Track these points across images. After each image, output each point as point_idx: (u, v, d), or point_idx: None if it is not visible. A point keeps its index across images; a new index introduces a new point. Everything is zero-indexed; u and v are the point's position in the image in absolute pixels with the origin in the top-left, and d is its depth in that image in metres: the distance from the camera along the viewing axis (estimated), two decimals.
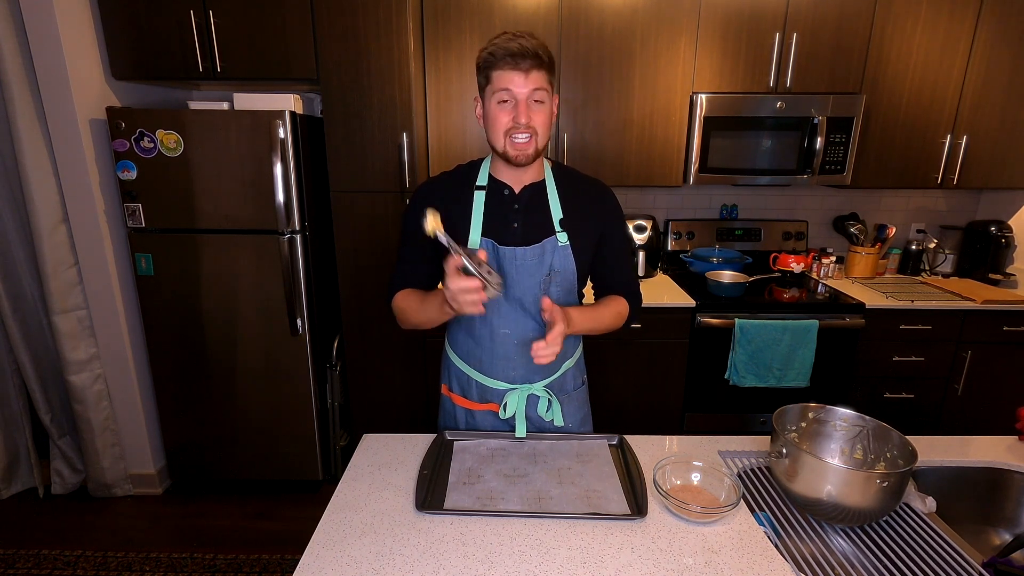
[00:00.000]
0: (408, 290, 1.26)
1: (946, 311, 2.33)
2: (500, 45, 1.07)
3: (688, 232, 2.83)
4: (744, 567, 0.88)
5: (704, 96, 2.33)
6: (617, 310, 1.25)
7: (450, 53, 2.30)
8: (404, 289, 1.27)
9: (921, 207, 2.89)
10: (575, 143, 2.43)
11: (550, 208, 1.21)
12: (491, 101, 1.11)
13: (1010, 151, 2.44)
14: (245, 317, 2.25)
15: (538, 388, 1.26)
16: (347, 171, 2.21)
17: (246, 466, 2.43)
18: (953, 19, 2.30)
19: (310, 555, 0.90)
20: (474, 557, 0.89)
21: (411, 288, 1.27)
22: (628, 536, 0.94)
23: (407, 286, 1.27)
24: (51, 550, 2.12)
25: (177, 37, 2.09)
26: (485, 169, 1.24)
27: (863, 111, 2.36)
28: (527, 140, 1.11)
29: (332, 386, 2.47)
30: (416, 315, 1.21)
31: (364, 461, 1.16)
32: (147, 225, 2.16)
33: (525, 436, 1.23)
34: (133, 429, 2.40)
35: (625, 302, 1.28)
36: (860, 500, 0.95)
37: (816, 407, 1.15)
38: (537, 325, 1.22)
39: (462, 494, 1.03)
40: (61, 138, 2.07)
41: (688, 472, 1.08)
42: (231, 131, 2.07)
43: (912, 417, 2.46)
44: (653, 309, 2.31)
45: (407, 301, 1.24)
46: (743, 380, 2.32)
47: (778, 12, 2.29)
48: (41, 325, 2.35)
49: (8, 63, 1.96)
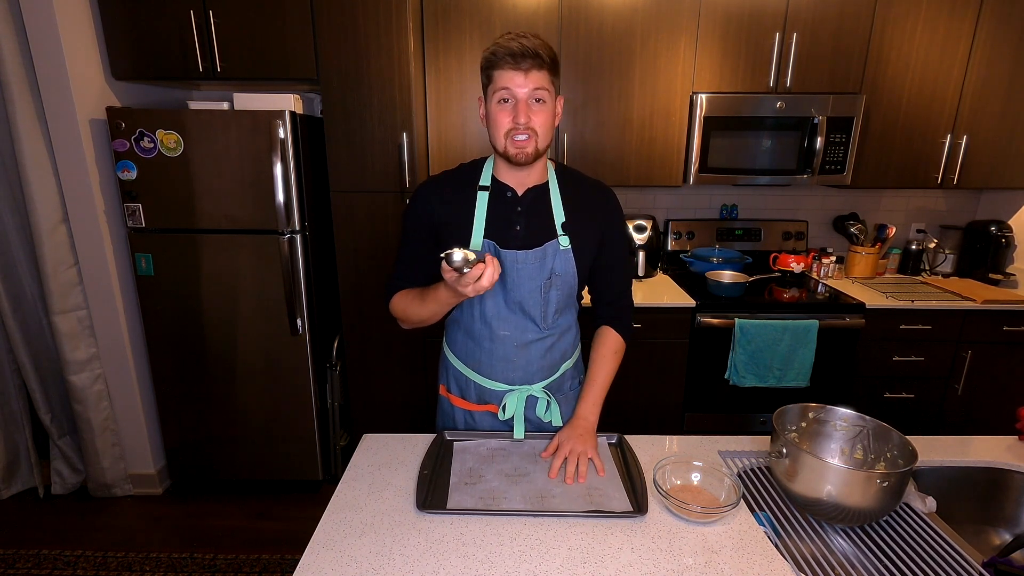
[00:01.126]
0: (407, 290, 1.26)
1: (946, 311, 2.33)
2: (502, 45, 1.06)
3: (688, 232, 2.83)
4: (744, 567, 0.88)
5: (704, 96, 2.33)
6: (614, 351, 1.28)
7: (450, 53, 2.30)
8: (403, 290, 1.26)
9: (921, 207, 2.89)
10: (575, 143, 2.43)
11: (552, 211, 1.20)
12: (492, 101, 1.11)
13: (1010, 151, 2.44)
14: (245, 317, 2.25)
15: (537, 389, 1.26)
16: (347, 171, 2.21)
17: (246, 466, 2.43)
18: (953, 19, 2.31)
19: (310, 555, 0.89)
20: (474, 557, 0.89)
21: (409, 288, 1.26)
22: (628, 536, 0.94)
23: (406, 286, 1.26)
24: (51, 550, 2.12)
25: (177, 37, 2.09)
26: (488, 170, 1.22)
27: (863, 111, 2.36)
28: (526, 139, 1.10)
29: (332, 386, 2.47)
30: (419, 310, 1.20)
31: (364, 461, 1.16)
32: (147, 225, 2.16)
33: (523, 438, 1.23)
34: (133, 429, 2.40)
35: (617, 338, 1.29)
36: (860, 500, 0.95)
37: (816, 407, 1.15)
38: (536, 328, 1.22)
39: (464, 494, 1.03)
40: (61, 138, 2.07)
41: (688, 472, 1.08)
42: (231, 131, 2.07)
43: (912, 417, 2.46)
44: (653, 309, 2.31)
45: (407, 299, 1.23)
46: (743, 380, 2.32)
47: (778, 12, 2.29)
48: (41, 325, 2.35)
49: (8, 63, 1.96)
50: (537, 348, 1.24)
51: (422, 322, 1.22)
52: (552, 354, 1.26)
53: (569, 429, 1.18)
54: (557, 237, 1.18)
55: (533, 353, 1.24)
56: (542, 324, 1.22)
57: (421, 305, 1.18)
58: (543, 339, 1.24)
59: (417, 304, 1.20)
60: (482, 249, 1.16)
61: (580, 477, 1.07)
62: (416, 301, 1.20)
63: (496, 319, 1.21)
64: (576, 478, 1.08)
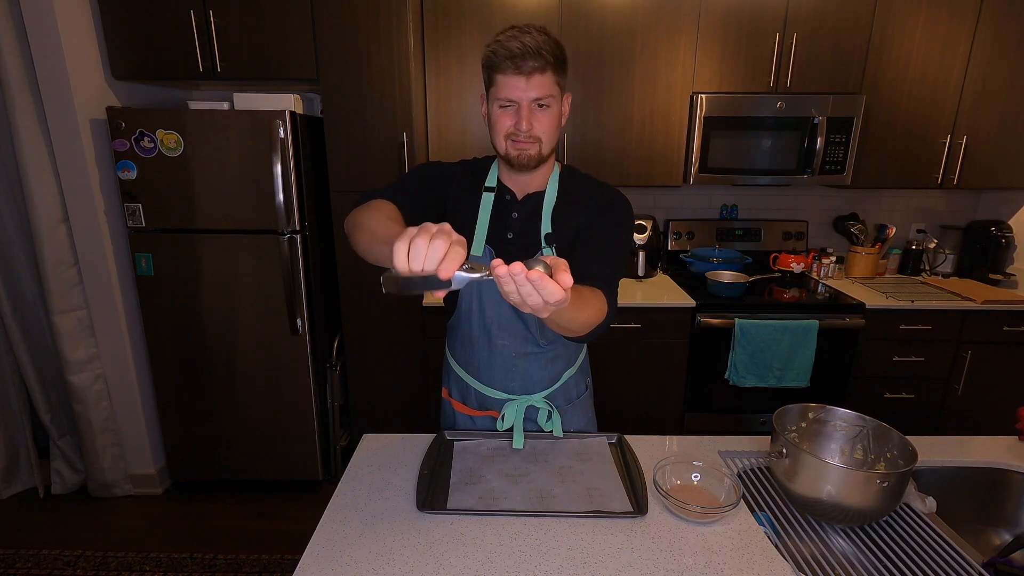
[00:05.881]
0: (386, 203, 1.05)
1: (946, 311, 2.33)
2: (503, 43, 1.01)
3: (688, 232, 2.83)
4: (744, 567, 0.88)
5: (704, 96, 2.33)
6: (598, 305, 0.95)
7: (450, 53, 2.30)
8: (384, 201, 1.06)
9: (921, 207, 2.89)
10: (575, 143, 2.43)
11: (541, 221, 1.14)
12: (493, 104, 1.07)
13: (1010, 151, 2.44)
14: (245, 317, 2.25)
15: (537, 399, 1.22)
16: (347, 171, 2.21)
17: (246, 466, 2.43)
18: (953, 19, 2.31)
19: (310, 555, 0.89)
20: (474, 557, 0.89)
21: (390, 204, 1.06)
22: (628, 536, 0.94)
23: (389, 200, 1.07)
24: (51, 550, 2.12)
25: (177, 37, 2.09)
26: (494, 171, 1.19)
27: (863, 111, 2.36)
28: (528, 144, 1.07)
29: (332, 386, 2.47)
30: (380, 230, 0.92)
31: (364, 461, 1.16)
32: (147, 225, 2.16)
33: (522, 447, 1.20)
34: (133, 429, 2.40)
35: (604, 298, 0.99)
36: (860, 500, 0.95)
37: (816, 407, 1.15)
38: (533, 338, 1.18)
39: (464, 494, 1.03)
40: (61, 138, 2.07)
41: (688, 472, 1.08)
42: (231, 131, 2.07)
43: (912, 417, 2.46)
44: (653, 309, 2.31)
45: (379, 213, 0.99)
46: (743, 380, 2.32)
47: (778, 12, 2.29)
48: (41, 325, 2.35)
49: (8, 63, 1.96)
50: (538, 360, 1.21)
51: (371, 242, 0.93)
52: (555, 365, 1.23)
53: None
54: (541, 250, 1.12)
55: (533, 364, 1.21)
56: (540, 339, 1.19)
57: (387, 228, 0.92)
58: (543, 352, 1.21)
59: (384, 225, 0.93)
60: (482, 254, 1.15)
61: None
62: (385, 222, 0.95)
63: (496, 327, 1.18)
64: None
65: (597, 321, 0.95)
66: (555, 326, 0.88)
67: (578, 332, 0.95)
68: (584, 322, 0.91)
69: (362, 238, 0.96)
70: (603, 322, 0.98)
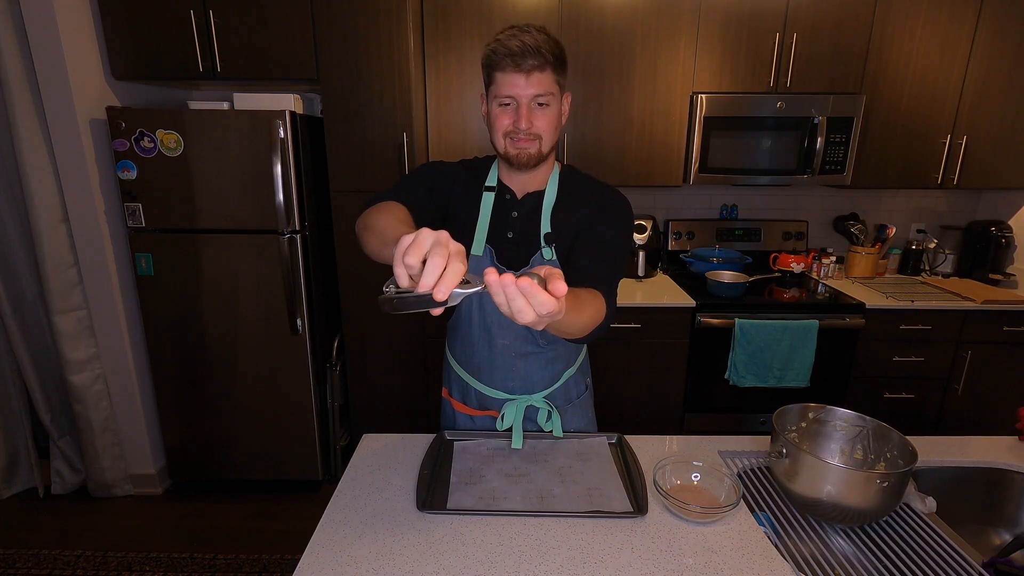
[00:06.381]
0: (399, 205, 1.05)
1: (946, 311, 2.32)
2: (502, 42, 1.02)
3: (688, 232, 2.83)
4: (744, 567, 0.88)
5: (704, 96, 2.33)
6: (596, 308, 0.94)
7: (450, 53, 2.30)
8: (395, 203, 1.05)
9: (921, 207, 2.89)
10: (575, 143, 2.43)
11: (540, 221, 1.14)
12: (493, 103, 1.08)
13: (1010, 151, 2.44)
14: (245, 317, 2.25)
15: (537, 399, 1.22)
16: (347, 171, 2.21)
17: (246, 466, 2.43)
18: (953, 19, 2.31)
19: (310, 555, 0.89)
20: (474, 557, 0.89)
21: (404, 207, 1.06)
22: (628, 536, 0.94)
23: (398, 202, 1.07)
24: (51, 550, 2.12)
25: (177, 37, 2.09)
26: (495, 170, 1.19)
27: (863, 111, 2.35)
28: (528, 142, 1.07)
29: (332, 386, 2.47)
30: (390, 228, 0.94)
31: (364, 461, 1.16)
32: (147, 225, 2.16)
33: (521, 447, 1.19)
34: (133, 429, 2.40)
35: (602, 300, 0.98)
36: (860, 500, 0.95)
37: (816, 407, 1.15)
38: (533, 338, 1.19)
39: (464, 494, 1.03)
40: (61, 138, 2.07)
41: (688, 472, 1.08)
42: (231, 131, 2.07)
43: (912, 417, 2.46)
44: (653, 309, 2.31)
45: (390, 214, 1.00)
46: (743, 380, 2.32)
47: (778, 12, 2.29)
48: (41, 325, 2.35)
49: (8, 63, 1.96)
50: (538, 359, 1.21)
51: (381, 245, 0.94)
52: (555, 365, 1.23)
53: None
54: (540, 250, 1.13)
55: (533, 364, 1.21)
56: (540, 339, 1.19)
57: (396, 229, 0.92)
58: (543, 352, 1.21)
59: (393, 227, 0.94)
60: (483, 254, 1.15)
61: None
62: (394, 223, 0.95)
63: (497, 327, 1.18)
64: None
65: (595, 323, 0.94)
66: (553, 329, 0.87)
67: (576, 335, 0.94)
68: (582, 325, 0.90)
69: (372, 240, 0.97)
70: (602, 324, 0.98)
